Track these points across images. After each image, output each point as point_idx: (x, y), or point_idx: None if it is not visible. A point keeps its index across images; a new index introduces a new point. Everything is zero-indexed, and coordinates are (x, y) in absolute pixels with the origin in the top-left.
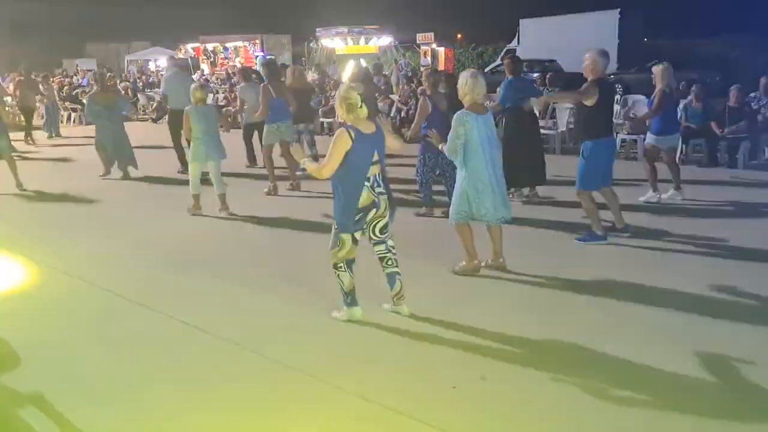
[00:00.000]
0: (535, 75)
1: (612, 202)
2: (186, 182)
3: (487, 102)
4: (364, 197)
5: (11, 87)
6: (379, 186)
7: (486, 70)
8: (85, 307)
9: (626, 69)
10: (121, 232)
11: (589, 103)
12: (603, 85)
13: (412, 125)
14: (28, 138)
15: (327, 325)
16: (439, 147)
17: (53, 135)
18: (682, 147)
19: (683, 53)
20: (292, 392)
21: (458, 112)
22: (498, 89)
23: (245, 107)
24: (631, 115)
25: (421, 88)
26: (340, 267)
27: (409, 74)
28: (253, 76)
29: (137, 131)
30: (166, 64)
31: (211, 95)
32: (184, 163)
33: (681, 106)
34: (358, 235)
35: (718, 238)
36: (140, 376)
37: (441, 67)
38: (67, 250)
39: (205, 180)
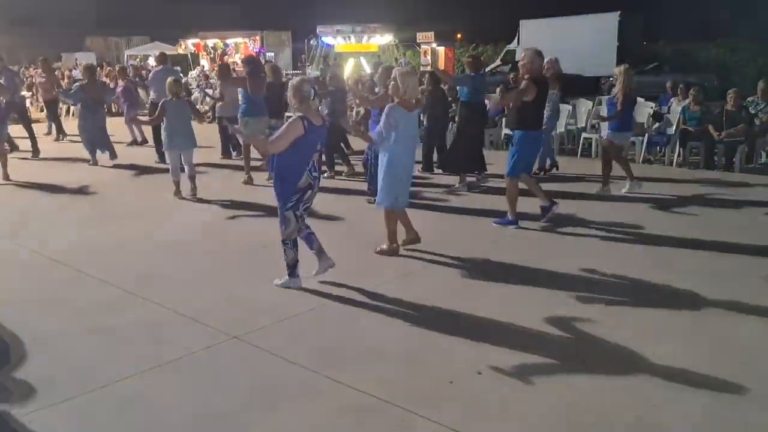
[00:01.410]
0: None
1: (533, 186)
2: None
3: (487, 101)
4: (304, 179)
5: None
6: (315, 171)
7: (486, 70)
8: (79, 299)
9: None
10: (115, 222)
11: (528, 98)
12: (539, 83)
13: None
14: (60, 135)
15: (322, 316)
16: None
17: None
18: (679, 150)
19: (682, 56)
20: (286, 383)
21: (388, 106)
22: (496, 89)
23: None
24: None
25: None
26: (287, 243)
27: None
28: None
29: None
30: (155, 61)
31: (210, 90)
32: (160, 154)
33: (679, 108)
34: (297, 213)
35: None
36: (137, 366)
37: (441, 66)
38: (62, 240)
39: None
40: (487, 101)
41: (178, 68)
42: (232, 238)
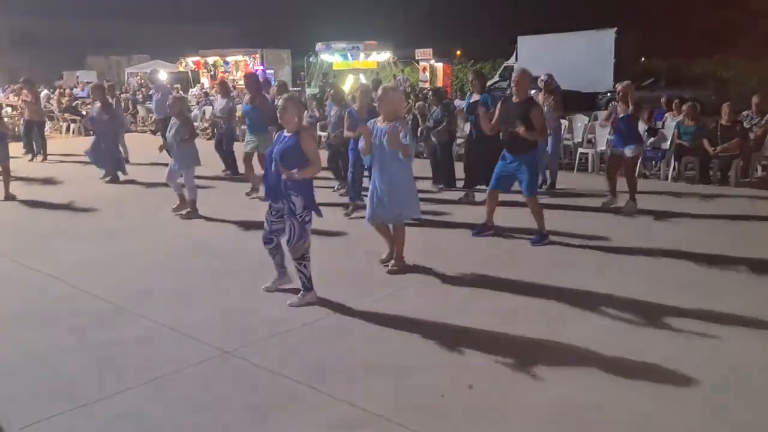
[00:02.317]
0: (532, 92)
1: (494, 202)
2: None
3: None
4: None
5: (11, 97)
6: None
7: (488, 86)
8: (73, 315)
9: None
10: (113, 239)
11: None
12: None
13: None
14: (43, 156)
15: (315, 331)
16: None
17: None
18: (674, 164)
19: (678, 72)
20: (277, 398)
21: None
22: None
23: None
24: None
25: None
26: (307, 257)
27: (408, 90)
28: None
29: (135, 142)
30: (154, 80)
31: (209, 108)
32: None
33: (674, 124)
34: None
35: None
36: (127, 382)
37: (439, 82)
38: (60, 256)
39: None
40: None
41: (178, 85)
42: (228, 253)
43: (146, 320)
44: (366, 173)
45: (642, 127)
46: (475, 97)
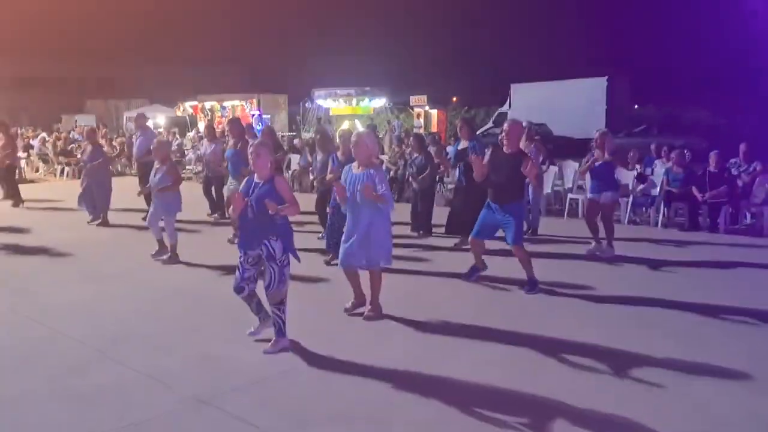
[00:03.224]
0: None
1: (481, 248)
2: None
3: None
4: None
5: None
6: None
7: (478, 133)
8: (50, 359)
9: (614, 134)
10: (94, 283)
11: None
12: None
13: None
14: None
15: (293, 378)
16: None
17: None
18: (663, 210)
19: (670, 119)
20: None
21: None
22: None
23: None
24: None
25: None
26: (285, 302)
27: (402, 136)
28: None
29: (126, 185)
30: (140, 125)
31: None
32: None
33: (663, 170)
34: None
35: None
36: (97, 431)
37: (434, 128)
38: (40, 298)
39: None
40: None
41: (176, 129)
42: (207, 298)
43: (123, 366)
44: None
45: (630, 173)
46: (464, 144)
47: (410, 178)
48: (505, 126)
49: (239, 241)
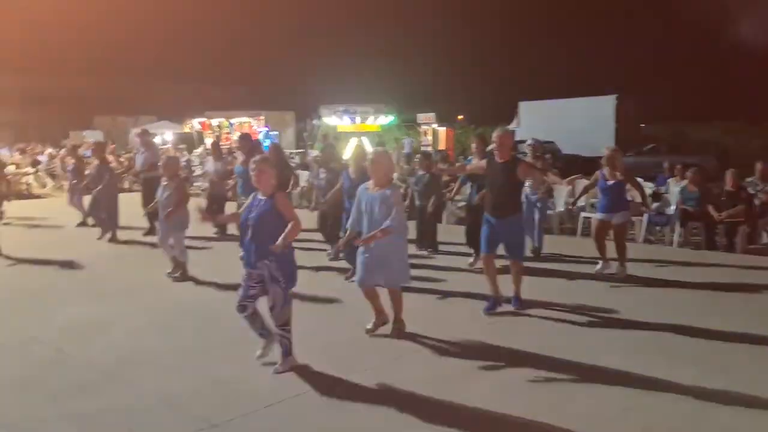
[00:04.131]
0: None
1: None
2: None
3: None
4: None
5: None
6: None
7: (487, 150)
8: (57, 380)
9: (624, 152)
10: (103, 301)
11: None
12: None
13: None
14: None
15: (307, 402)
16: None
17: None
18: (680, 230)
19: (679, 138)
20: None
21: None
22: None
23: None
24: None
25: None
26: (290, 321)
27: (410, 153)
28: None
29: (135, 200)
30: (144, 141)
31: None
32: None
33: (677, 189)
34: None
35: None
36: None
37: (441, 146)
38: (47, 317)
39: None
40: None
41: (184, 146)
42: (219, 317)
43: (132, 388)
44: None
45: (647, 191)
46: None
47: (415, 196)
48: (495, 136)
49: (245, 259)
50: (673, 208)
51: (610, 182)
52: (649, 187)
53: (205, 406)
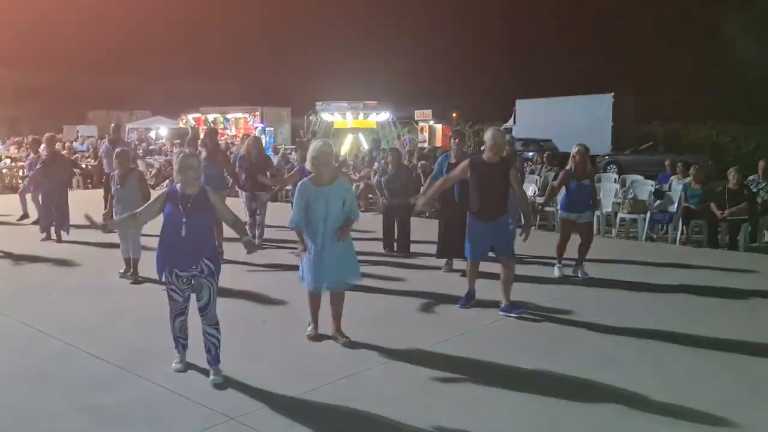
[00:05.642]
0: (530, 154)
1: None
2: None
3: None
4: None
5: (11, 149)
6: None
7: (482, 148)
8: (70, 374)
9: (620, 150)
10: (106, 294)
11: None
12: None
13: None
14: None
15: (320, 400)
16: None
17: None
18: (682, 228)
19: (675, 137)
20: None
21: (299, 183)
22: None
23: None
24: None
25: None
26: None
27: (412, 150)
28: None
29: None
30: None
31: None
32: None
33: (680, 187)
34: None
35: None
36: None
37: (438, 143)
38: (55, 313)
39: None
40: None
41: (178, 141)
42: (230, 313)
43: (146, 381)
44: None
45: (647, 189)
46: (454, 158)
47: (385, 194)
48: (490, 135)
49: (175, 264)
50: (675, 206)
51: (585, 182)
52: (649, 185)
53: (220, 400)
